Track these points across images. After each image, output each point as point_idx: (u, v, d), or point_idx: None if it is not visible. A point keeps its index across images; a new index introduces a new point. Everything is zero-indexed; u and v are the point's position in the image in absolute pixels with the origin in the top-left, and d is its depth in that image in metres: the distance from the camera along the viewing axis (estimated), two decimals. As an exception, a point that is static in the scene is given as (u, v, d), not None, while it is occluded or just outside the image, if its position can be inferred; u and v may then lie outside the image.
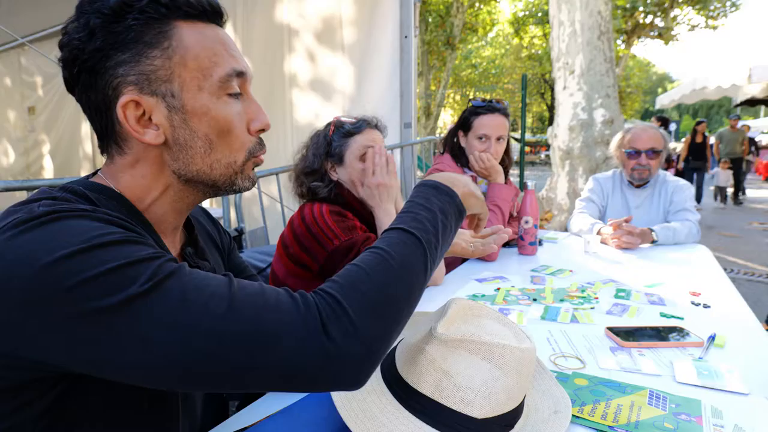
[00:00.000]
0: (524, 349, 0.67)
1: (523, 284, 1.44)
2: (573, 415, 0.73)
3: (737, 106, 9.17)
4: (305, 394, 0.76)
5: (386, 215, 1.30)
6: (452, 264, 1.71)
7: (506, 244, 1.92)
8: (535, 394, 0.77)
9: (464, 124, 1.89)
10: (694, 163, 8.16)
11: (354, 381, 0.51)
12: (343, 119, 1.40)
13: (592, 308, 1.23)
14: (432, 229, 0.61)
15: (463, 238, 0.97)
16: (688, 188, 2.11)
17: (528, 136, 21.19)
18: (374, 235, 1.32)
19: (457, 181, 0.72)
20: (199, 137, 0.61)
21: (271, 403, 0.78)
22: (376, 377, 0.69)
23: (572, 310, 1.21)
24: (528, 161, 17.57)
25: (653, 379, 0.87)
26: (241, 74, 0.62)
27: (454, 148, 1.93)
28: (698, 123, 8.25)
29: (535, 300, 1.30)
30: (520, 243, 1.81)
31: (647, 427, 0.71)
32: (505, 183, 1.86)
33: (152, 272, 0.47)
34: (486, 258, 1.69)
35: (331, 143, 1.37)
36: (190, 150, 0.61)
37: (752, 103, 9.14)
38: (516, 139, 9.67)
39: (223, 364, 0.47)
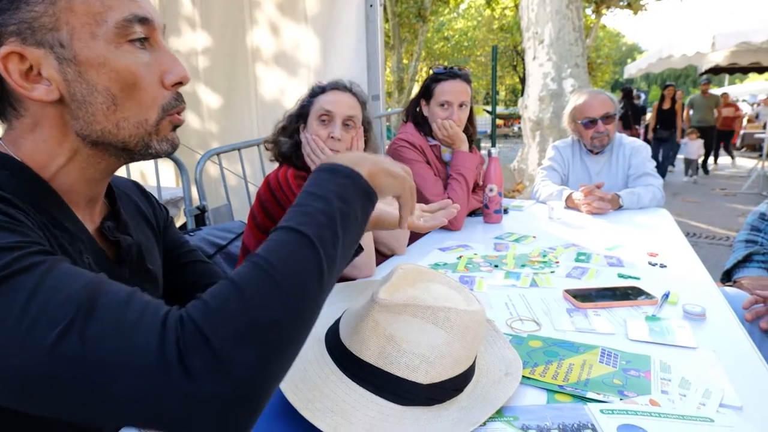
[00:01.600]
0: (471, 312, 0.65)
1: (485, 252, 1.43)
2: (524, 377, 0.73)
3: (702, 74, 9.24)
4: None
5: None
6: (418, 234, 1.70)
7: (471, 213, 1.92)
8: (487, 357, 0.77)
9: (426, 92, 1.84)
10: (660, 133, 7.37)
11: (228, 424, 0.41)
12: (323, 81, 1.37)
13: (552, 272, 1.24)
14: (326, 222, 0.51)
15: (415, 213, 0.93)
16: (645, 149, 2.13)
17: (501, 109, 21.24)
18: None
19: (364, 160, 0.60)
20: (99, 92, 0.55)
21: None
22: (319, 348, 0.67)
23: (532, 275, 1.21)
24: (501, 134, 17.65)
25: (607, 338, 0.88)
26: (144, 21, 0.56)
27: (416, 118, 1.90)
28: (665, 87, 7.50)
29: (496, 266, 1.29)
30: (485, 211, 1.80)
31: (597, 385, 0.71)
32: (470, 151, 1.84)
33: (5, 263, 0.42)
34: (450, 227, 1.68)
35: (303, 103, 1.36)
36: (90, 107, 0.55)
37: (716, 72, 9.17)
38: (488, 112, 9.66)
39: (60, 387, 0.40)
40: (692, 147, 7.74)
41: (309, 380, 0.61)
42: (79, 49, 0.53)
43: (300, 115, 1.35)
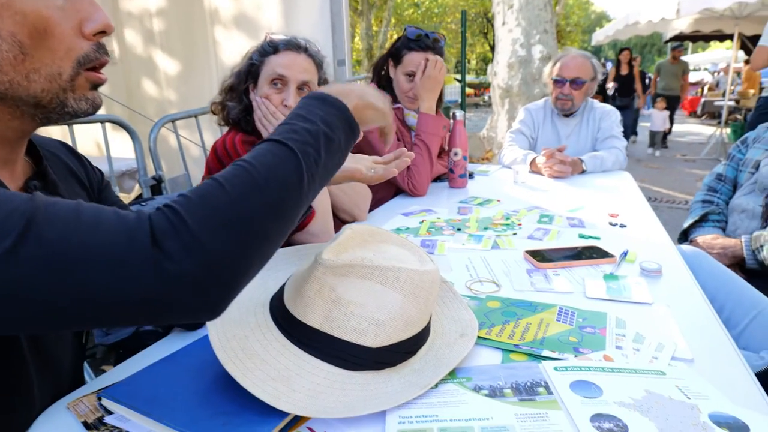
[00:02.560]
0: (424, 272, 0.62)
1: (449, 216, 1.41)
2: (480, 337, 0.71)
3: (667, 42, 9.30)
4: (192, 341, 0.69)
5: None
6: (382, 199, 1.66)
7: (437, 179, 1.89)
8: (443, 319, 0.74)
9: (396, 54, 1.77)
10: (619, 101, 6.90)
11: (203, 306, 0.44)
12: (273, 36, 1.25)
13: (514, 234, 1.22)
14: (311, 141, 0.52)
15: (363, 164, 0.88)
16: (614, 113, 2.13)
17: (471, 78, 21.11)
18: None
19: (350, 92, 0.61)
20: (3, 38, 0.48)
21: (158, 353, 0.70)
22: (262, 314, 0.63)
23: (494, 237, 1.20)
24: (471, 103, 17.59)
25: (565, 296, 0.87)
26: None
27: (381, 80, 1.83)
28: (621, 51, 7.16)
29: (459, 230, 1.27)
30: (450, 176, 1.77)
31: (552, 343, 0.70)
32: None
33: None
34: (414, 192, 1.65)
35: (252, 60, 1.23)
36: None
37: (680, 39, 9.26)
38: (458, 80, 9.57)
39: (34, 289, 0.40)
40: (658, 118, 7.15)
41: (250, 348, 0.57)
42: None
43: (249, 74, 1.24)
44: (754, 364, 0.87)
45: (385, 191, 1.74)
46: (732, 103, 7.85)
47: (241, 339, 0.58)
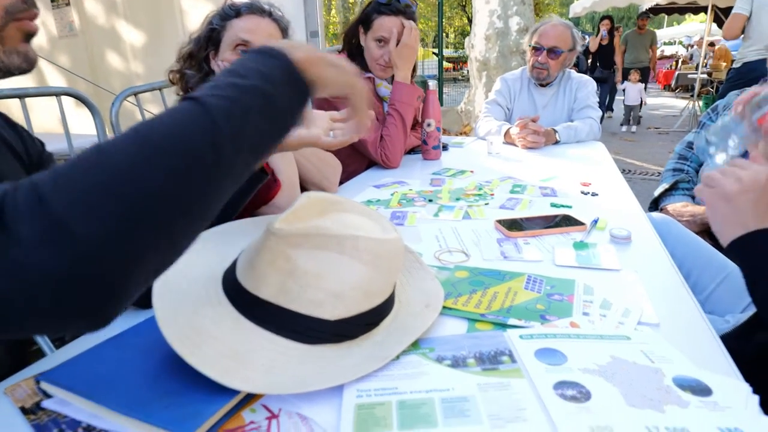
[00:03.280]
0: (385, 241, 0.59)
1: (421, 187, 1.38)
2: (447, 307, 0.69)
3: (641, 14, 9.27)
4: (144, 319, 0.65)
5: None
6: (355, 172, 1.62)
7: (410, 151, 1.85)
8: (409, 290, 0.72)
9: (366, 20, 1.69)
10: (599, 73, 6.58)
11: (75, 313, 0.34)
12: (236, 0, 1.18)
13: (486, 204, 1.20)
14: (235, 96, 0.42)
15: (321, 125, 0.82)
16: (591, 83, 2.11)
17: (450, 52, 20.89)
18: None
19: (300, 47, 0.52)
20: None
21: (106, 333, 0.66)
22: (213, 288, 0.59)
23: (466, 208, 1.17)
24: (450, 78, 17.45)
25: (534, 265, 0.86)
26: None
27: (352, 49, 1.76)
28: (602, 19, 6.71)
29: (431, 201, 1.24)
30: (423, 148, 1.73)
31: (519, 311, 0.68)
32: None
33: None
34: (387, 164, 1.61)
35: (212, 25, 1.15)
36: None
37: (656, 12, 9.25)
38: (435, 54, 9.44)
39: None
40: (632, 91, 6.75)
41: (199, 324, 0.54)
42: None
43: (210, 40, 1.17)
44: (719, 328, 0.87)
45: (357, 164, 1.69)
46: (705, 76, 7.92)
47: (190, 315, 0.54)
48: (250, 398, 0.52)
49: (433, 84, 1.68)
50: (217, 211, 0.42)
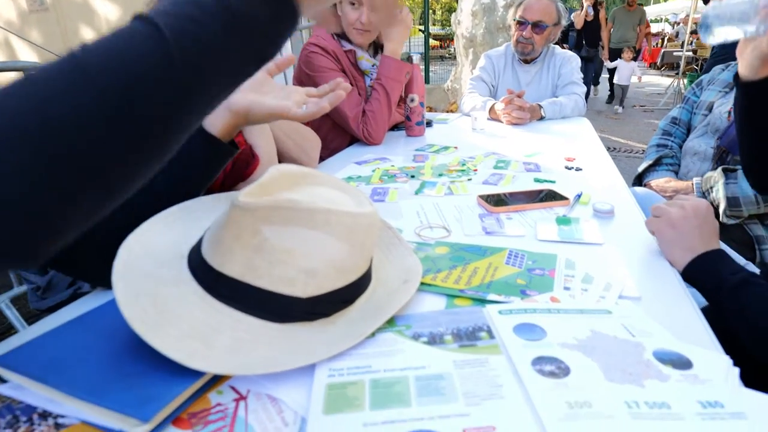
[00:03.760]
0: (357, 214, 0.56)
1: (404, 163, 1.35)
2: (425, 283, 0.67)
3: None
4: (102, 303, 0.62)
5: None
6: (337, 149, 1.59)
7: (394, 127, 1.81)
8: (388, 267, 0.70)
9: None
10: (586, 51, 6.32)
11: None
12: None
13: (469, 180, 1.18)
14: (195, 13, 0.36)
15: (294, 98, 0.78)
16: (575, 59, 2.08)
17: (437, 30, 20.59)
18: None
19: None
20: None
21: (69, 315, 0.63)
22: (177, 267, 0.56)
23: (449, 184, 1.15)
24: (437, 56, 17.23)
25: (516, 240, 0.84)
26: None
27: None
28: None
29: (413, 177, 1.22)
30: (407, 124, 1.70)
31: (499, 286, 0.66)
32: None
33: None
34: (370, 140, 1.57)
35: None
36: None
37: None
38: (422, 31, 9.26)
39: None
40: (625, 70, 6.41)
41: (162, 303, 0.51)
42: None
43: None
44: (701, 300, 0.87)
45: (339, 140, 1.65)
46: (690, 53, 7.93)
47: (153, 295, 0.51)
48: (217, 380, 0.50)
49: (417, 58, 1.63)
50: (178, 145, 0.38)
